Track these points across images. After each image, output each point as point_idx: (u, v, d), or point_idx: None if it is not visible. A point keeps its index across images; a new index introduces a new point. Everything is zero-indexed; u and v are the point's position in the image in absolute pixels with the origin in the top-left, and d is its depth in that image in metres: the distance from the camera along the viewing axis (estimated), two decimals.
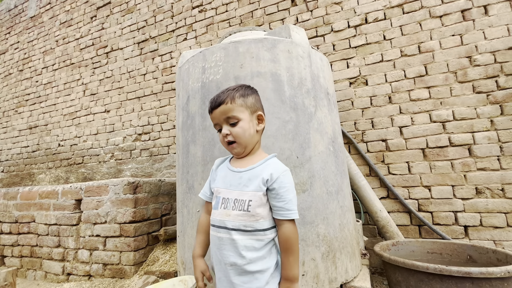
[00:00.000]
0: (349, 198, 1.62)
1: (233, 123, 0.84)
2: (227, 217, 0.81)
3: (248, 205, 0.80)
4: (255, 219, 0.79)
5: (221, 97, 0.86)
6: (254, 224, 0.79)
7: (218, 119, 0.86)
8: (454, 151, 2.11)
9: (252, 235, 0.79)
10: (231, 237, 0.79)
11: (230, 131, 0.84)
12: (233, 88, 0.88)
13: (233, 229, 0.79)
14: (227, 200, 0.83)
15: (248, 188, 0.82)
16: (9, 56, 4.81)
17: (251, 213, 0.79)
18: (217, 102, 0.85)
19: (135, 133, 3.45)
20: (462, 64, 2.17)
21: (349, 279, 1.41)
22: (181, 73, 1.72)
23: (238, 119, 0.84)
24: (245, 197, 0.81)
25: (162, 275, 1.82)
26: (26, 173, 4.23)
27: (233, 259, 0.78)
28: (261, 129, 0.90)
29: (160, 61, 3.43)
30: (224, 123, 0.85)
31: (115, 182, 2.14)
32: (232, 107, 0.84)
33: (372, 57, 2.45)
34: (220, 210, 0.84)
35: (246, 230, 0.79)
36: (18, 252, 2.50)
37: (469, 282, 1.24)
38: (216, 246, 0.83)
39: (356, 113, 2.44)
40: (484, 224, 1.97)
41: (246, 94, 0.87)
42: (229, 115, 0.84)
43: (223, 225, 0.81)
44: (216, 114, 0.86)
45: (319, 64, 1.66)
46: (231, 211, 0.81)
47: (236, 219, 0.80)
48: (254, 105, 0.88)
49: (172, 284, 1.15)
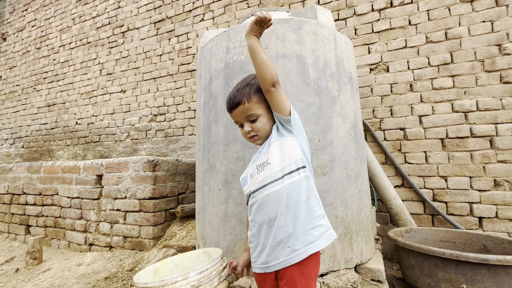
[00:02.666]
0: (366, 183, 1.63)
1: (253, 120, 0.89)
2: (256, 181, 0.87)
3: (268, 163, 0.86)
4: (275, 170, 0.84)
5: (237, 97, 0.88)
6: (276, 174, 0.84)
7: (238, 117, 0.91)
8: (475, 142, 2.07)
9: (276, 185, 0.84)
10: (266, 193, 0.84)
11: (252, 127, 0.89)
12: (247, 83, 0.90)
13: (266, 184, 0.84)
14: (252, 173, 0.90)
15: (264, 152, 0.89)
16: (27, 33, 4.86)
17: (271, 164, 0.85)
18: (234, 102, 0.89)
19: (150, 113, 3.50)
20: (491, 53, 2.09)
21: (364, 260, 1.45)
22: (204, 53, 1.72)
23: (257, 116, 0.88)
24: (263, 159, 0.88)
25: (180, 249, 1.91)
26: (45, 149, 4.37)
27: (276, 233, 0.83)
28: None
29: (177, 42, 3.42)
30: (244, 121, 0.90)
31: (135, 160, 2.21)
32: (250, 106, 0.87)
33: (395, 43, 2.38)
34: (250, 180, 0.90)
35: (273, 180, 0.84)
36: (43, 223, 2.65)
37: (485, 269, 1.26)
38: (256, 226, 0.86)
39: (375, 100, 2.41)
40: (499, 216, 1.96)
41: (261, 89, 0.88)
42: (248, 114, 0.88)
43: (258, 186, 0.85)
44: (235, 114, 0.90)
45: (344, 48, 1.63)
46: (258, 175, 0.87)
47: (263, 176, 0.86)
48: None
49: (196, 255, 1.20)
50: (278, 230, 0.81)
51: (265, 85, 0.83)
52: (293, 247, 0.79)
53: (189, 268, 1.16)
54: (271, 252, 0.82)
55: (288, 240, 0.80)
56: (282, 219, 0.81)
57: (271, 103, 0.86)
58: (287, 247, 0.80)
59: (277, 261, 0.81)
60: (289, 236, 0.80)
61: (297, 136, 0.88)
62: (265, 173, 0.85)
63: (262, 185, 0.84)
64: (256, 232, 0.86)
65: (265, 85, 0.83)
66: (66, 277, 1.90)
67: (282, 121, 0.88)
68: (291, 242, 0.80)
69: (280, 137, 0.88)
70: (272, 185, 0.83)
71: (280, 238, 0.80)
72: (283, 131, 0.88)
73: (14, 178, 2.93)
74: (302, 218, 0.81)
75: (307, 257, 0.79)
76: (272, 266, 0.82)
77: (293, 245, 0.79)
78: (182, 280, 0.87)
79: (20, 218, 2.81)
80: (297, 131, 0.88)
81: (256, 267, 0.88)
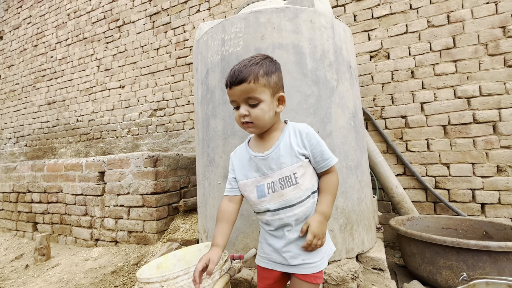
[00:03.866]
0: (367, 173, 1.63)
1: (253, 104, 0.78)
2: (281, 197, 0.82)
3: (295, 178, 0.81)
4: (302, 189, 0.82)
5: (243, 72, 0.76)
6: (304, 193, 0.82)
7: (237, 97, 0.79)
8: (478, 128, 2.04)
9: (303, 204, 0.83)
10: (293, 213, 0.82)
11: (249, 112, 0.78)
12: (257, 62, 0.79)
13: (295, 204, 0.81)
14: (271, 184, 0.83)
15: (286, 164, 0.81)
16: (23, 31, 4.81)
17: (300, 184, 0.81)
18: (238, 78, 0.76)
19: (150, 108, 3.49)
20: (495, 35, 2.03)
21: (365, 250, 1.46)
22: (199, 45, 1.69)
23: (259, 100, 0.78)
24: (288, 172, 0.81)
25: (184, 243, 1.93)
26: (48, 147, 4.41)
27: (297, 234, 0.82)
28: (281, 111, 0.84)
29: (173, 35, 3.37)
30: (243, 103, 0.79)
31: (135, 156, 2.22)
32: (255, 87, 0.76)
33: (396, 29, 2.32)
34: (270, 195, 0.83)
35: (301, 201, 0.82)
36: (49, 220, 2.69)
37: (486, 255, 1.26)
38: (274, 228, 0.85)
39: (375, 88, 2.37)
40: (502, 202, 1.96)
41: (271, 72, 0.79)
42: (250, 96, 0.77)
43: (284, 205, 0.82)
44: (235, 91, 0.78)
45: (342, 36, 1.59)
46: (283, 191, 0.81)
47: (291, 195, 0.82)
48: (277, 84, 0.81)
49: (198, 249, 1.22)
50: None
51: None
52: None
53: (192, 261, 1.18)
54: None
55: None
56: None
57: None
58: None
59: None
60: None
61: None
62: (294, 190, 0.81)
63: (289, 204, 0.82)
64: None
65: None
66: (74, 272, 1.95)
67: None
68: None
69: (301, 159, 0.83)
70: (299, 205, 0.83)
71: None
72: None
73: (19, 177, 2.97)
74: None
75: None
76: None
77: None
78: (184, 274, 0.88)
79: (27, 215, 2.86)
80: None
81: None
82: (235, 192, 0.91)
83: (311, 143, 0.82)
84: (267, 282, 0.89)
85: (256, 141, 0.89)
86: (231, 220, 0.89)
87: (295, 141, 0.83)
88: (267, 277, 0.89)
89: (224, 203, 0.91)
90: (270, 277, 0.88)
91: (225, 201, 0.91)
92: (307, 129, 0.84)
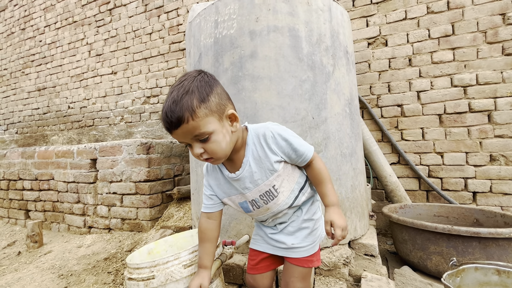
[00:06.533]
0: (361, 161, 1.62)
1: (204, 139, 0.67)
2: (267, 210, 0.83)
3: (275, 189, 0.79)
4: (286, 195, 0.81)
5: (175, 112, 0.63)
6: (289, 197, 0.82)
7: (183, 138, 0.68)
8: (473, 117, 2.04)
9: (295, 204, 0.84)
10: (285, 214, 0.85)
11: (204, 149, 0.68)
12: (186, 91, 0.65)
13: (284, 209, 0.83)
14: (254, 202, 0.82)
15: (262, 179, 0.77)
16: (9, 13, 4.62)
17: (282, 192, 0.81)
18: (173, 121, 0.64)
19: (143, 95, 3.41)
20: (494, 23, 1.99)
21: (358, 236, 1.47)
22: (192, 28, 1.63)
23: (208, 134, 0.66)
24: (267, 187, 0.78)
25: (177, 230, 1.93)
26: (40, 135, 4.32)
27: (290, 227, 0.86)
28: (237, 129, 0.73)
29: (166, 19, 3.26)
30: (192, 142, 0.68)
31: (128, 143, 2.18)
32: (196, 124, 0.64)
33: (394, 15, 2.27)
34: (256, 211, 0.84)
35: (290, 204, 0.83)
36: (41, 207, 2.66)
37: (476, 242, 1.27)
38: (267, 224, 0.90)
39: (372, 76, 2.34)
40: (493, 191, 1.98)
41: (206, 95, 0.66)
42: (195, 134, 0.66)
43: (274, 213, 0.84)
44: (178, 135, 0.67)
45: (340, 19, 1.54)
46: (268, 205, 0.81)
47: (277, 204, 0.81)
48: (220, 105, 0.68)
49: (190, 235, 1.21)
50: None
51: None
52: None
53: (183, 247, 1.17)
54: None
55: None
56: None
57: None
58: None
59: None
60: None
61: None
62: (279, 199, 0.81)
63: (278, 211, 0.84)
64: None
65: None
66: (66, 258, 1.94)
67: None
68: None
69: (279, 165, 0.78)
70: (289, 208, 0.85)
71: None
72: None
73: (9, 164, 2.91)
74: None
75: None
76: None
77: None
78: (174, 260, 0.87)
79: (19, 203, 2.83)
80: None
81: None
82: (215, 209, 0.86)
83: (280, 145, 0.75)
84: (256, 259, 0.92)
85: (226, 160, 0.79)
86: (213, 237, 0.86)
87: (263, 153, 0.76)
88: (255, 258, 0.92)
89: (203, 221, 0.86)
90: (258, 257, 0.92)
91: (204, 218, 0.86)
92: (270, 131, 0.75)
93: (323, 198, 0.81)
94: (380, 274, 1.31)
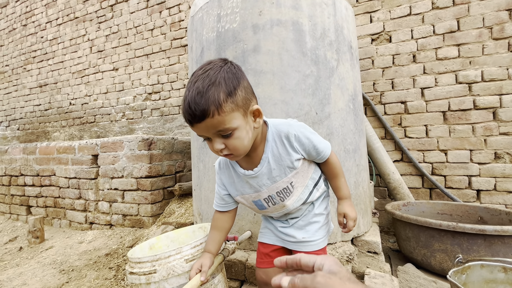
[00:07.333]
0: (365, 157, 1.60)
1: (227, 135, 0.63)
2: (283, 207, 0.81)
3: (293, 186, 0.78)
4: (300, 191, 0.81)
5: (200, 105, 0.58)
6: (304, 192, 0.81)
7: (204, 132, 0.63)
8: (477, 115, 2.01)
9: (309, 200, 0.84)
10: (299, 209, 0.84)
11: (226, 144, 0.64)
12: (213, 82, 0.60)
13: (299, 206, 0.83)
14: (270, 198, 0.80)
15: (280, 176, 0.76)
16: (11, 9, 4.61)
17: (297, 188, 0.80)
18: (197, 114, 0.59)
19: (145, 92, 3.40)
20: (500, 18, 1.96)
21: (361, 233, 1.46)
22: (194, 22, 1.61)
23: (232, 130, 0.62)
24: (285, 184, 0.77)
25: (179, 226, 1.92)
26: (41, 131, 4.32)
27: (301, 221, 0.85)
28: (259, 125, 0.69)
29: (168, 15, 3.24)
30: (214, 136, 0.64)
31: (129, 139, 2.17)
32: (222, 119, 0.60)
33: (399, 10, 2.24)
34: (271, 207, 0.82)
35: (304, 201, 0.82)
36: (43, 203, 2.66)
37: (482, 239, 1.26)
38: (278, 219, 0.90)
39: (376, 72, 2.31)
40: (498, 189, 1.96)
41: (234, 88, 0.61)
42: (219, 129, 0.61)
43: (287, 211, 0.83)
44: (199, 129, 0.62)
45: (344, 14, 1.52)
46: (284, 202, 0.80)
47: (293, 201, 0.80)
48: (245, 99, 0.64)
49: (192, 230, 1.20)
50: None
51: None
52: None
53: (185, 243, 1.15)
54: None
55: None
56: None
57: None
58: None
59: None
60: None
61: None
62: (291, 198, 0.80)
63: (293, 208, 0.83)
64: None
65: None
66: (68, 254, 1.94)
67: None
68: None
69: (299, 162, 0.77)
70: (304, 204, 0.84)
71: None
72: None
73: (11, 160, 2.91)
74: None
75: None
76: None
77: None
78: (176, 254, 0.86)
79: (20, 199, 2.83)
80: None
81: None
82: (228, 207, 0.86)
83: (302, 143, 0.74)
84: (267, 251, 0.90)
85: (243, 159, 0.77)
86: (224, 228, 0.86)
87: (284, 151, 0.74)
88: (265, 251, 0.90)
89: (216, 213, 0.88)
90: (268, 249, 0.90)
91: (218, 214, 0.87)
92: (293, 129, 0.73)
93: (336, 192, 0.84)
94: (383, 271, 1.30)
